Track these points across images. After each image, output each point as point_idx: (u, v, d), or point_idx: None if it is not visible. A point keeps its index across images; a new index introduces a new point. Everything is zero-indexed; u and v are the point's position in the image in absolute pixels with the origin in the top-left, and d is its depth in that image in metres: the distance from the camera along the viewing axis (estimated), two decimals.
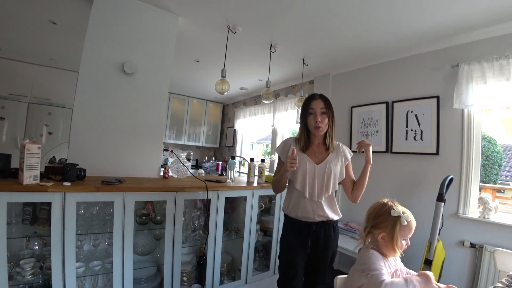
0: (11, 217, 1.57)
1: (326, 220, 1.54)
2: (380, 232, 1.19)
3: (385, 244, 1.19)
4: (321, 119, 1.52)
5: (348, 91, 3.41)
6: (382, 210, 1.21)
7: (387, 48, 2.79)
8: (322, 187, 1.52)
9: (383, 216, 1.20)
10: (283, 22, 2.47)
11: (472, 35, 2.30)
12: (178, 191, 1.87)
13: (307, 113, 1.56)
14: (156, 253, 2.07)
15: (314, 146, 1.60)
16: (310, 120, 1.54)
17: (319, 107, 1.53)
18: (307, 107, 1.56)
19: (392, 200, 1.25)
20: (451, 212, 2.31)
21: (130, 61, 2.25)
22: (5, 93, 3.95)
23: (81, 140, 2.09)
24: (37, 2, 2.43)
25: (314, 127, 1.53)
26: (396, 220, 1.16)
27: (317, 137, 1.58)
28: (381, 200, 1.27)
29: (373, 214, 1.24)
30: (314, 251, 1.54)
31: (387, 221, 1.18)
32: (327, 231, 1.55)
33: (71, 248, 1.52)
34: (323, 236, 1.53)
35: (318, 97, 1.56)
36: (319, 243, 1.53)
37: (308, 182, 1.52)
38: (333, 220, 1.57)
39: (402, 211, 1.18)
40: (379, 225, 1.20)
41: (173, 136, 5.74)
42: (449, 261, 2.20)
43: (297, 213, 1.55)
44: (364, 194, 3.12)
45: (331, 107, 1.57)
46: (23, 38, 3.31)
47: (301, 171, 1.53)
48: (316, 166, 1.54)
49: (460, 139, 2.33)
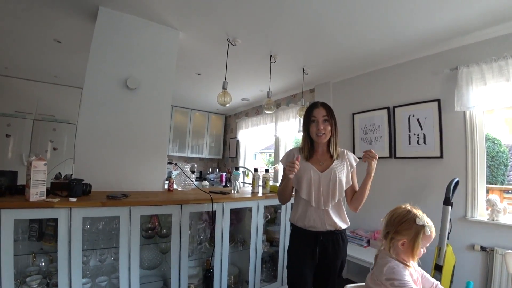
0: (17, 234, 1.57)
1: (334, 229, 1.51)
2: (401, 239, 1.19)
3: (404, 251, 1.19)
4: (323, 126, 1.53)
5: (349, 98, 3.43)
6: (406, 217, 1.21)
7: (385, 54, 2.82)
8: (328, 195, 1.51)
9: (407, 223, 1.19)
10: (282, 33, 2.52)
11: (469, 38, 2.33)
12: (183, 204, 1.86)
13: (309, 121, 1.57)
14: (162, 267, 2.06)
15: (318, 155, 1.60)
16: (312, 128, 1.55)
17: (321, 115, 1.54)
18: (309, 115, 1.57)
19: (415, 207, 1.25)
20: (459, 215, 2.28)
21: (133, 76, 2.29)
22: (11, 110, 4.03)
23: (86, 156, 2.11)
24: (42, 22, 2.50)
25: (316, 135, 1.54)
26: (420, 229, 1.16)
27: (320, 145, 1.59)
28: (403, 205, 1.27)
29: (396, 220, 1.23)
30: (323, 262, 1.52)
31: (410, 229, 1.17)
32: (335, 241, 1.52)
33: (78, 264, 1.52)
34: (331, 246, 1.51)
35: (320, 105, 1.58)
36: (327, 253, 1.51)
37: (313, 191, 1.51)
38: (341, 229, 1.54)
39: (426, 221, 1.18)
40: (401, 231, 1.19)
41: (176, 149, 5.77)
42: (460, 266, 2.16)
43: (304, 222, 1.53)
44: (370, 200, 3.09)
45: (334, 115, 1.58)
46: (28, 57, 3.40)
47: (306, 180, 1.53)
48: (321, 174, 1.53)
49: (464, 141, 2.32)
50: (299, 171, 1.51)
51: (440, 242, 2.05)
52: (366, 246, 2.73)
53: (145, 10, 2.26)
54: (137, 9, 2.26)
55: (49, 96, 4.35)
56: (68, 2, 2.18)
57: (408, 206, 1.25)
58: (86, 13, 2.30)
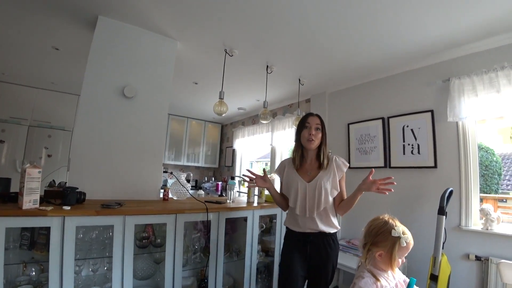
0: (8, 242, 1.54)
1: (322, 231, 1.58)
2: (378, 251, 1.20)
3: (382, 261, 1.21)
4: (315, 133, 1.61)
5: (344, 108, 3.47)
6: (382, 228, 1.22)
7: (379, 65, 2.87)
8: (314, 204, 1.58)
9: (383, 235, 1.20)
10: (278, 44, 2.56)
11: (460, 50, 2.39)
12: (178, 213, 1.85)
13: (303, 127, 1.65)
14: (156, 277, 2.03)
15: (307, 164, 1.68)
16: (305, 133, 1.63)
17: (314, 122, 1.64)
18: (304, 122, 1.66)
19: (393, 218, 1.26)
20: (454, 225, 2.29)
21: (130, 85, 2.30)
22: (6, 116, 3.99)
23: (81, 163, 2.09)
24: (41, 29, 2.51)
25: (307, 140, 1.61)
26: (396, 241, 1.17)
27: (310, 153, 1.66)
28: (381, 216, 1.28)
29: (373, 232, 1.25)
30: (314, 265, 1.58)
31: (386, 241, 1.19)
32: (326, 241, 1.59)
33: (70, 273, 1.49)
34: (322, 246, 1.57)
35: (315, 115, 1.69)
36: (319, 253, 1.57)
37: (299, 200, 1.60)
38: (330, 232, 1.60)
39: (402, 232, 1.19)
40: (378, 243, 1.21)
41: (172, 157, 5.75)
42: (455, 275, 2.16)
43: (294, 226, 1.65)
44: (365, 210, 3.10)
45: (325, 127, 1.69)
46: (26, 63, 3.40)
47: (293, 190, 1.63)
48: (307, 185, 1.61)
49: (457, 151, 2.35)
50: (288, 181, 1.67)
51: (435, 251, 2.06)
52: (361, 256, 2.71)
53: (143, 20, 2.29)
54: (136, 19, 2.29)
55: (46, 102, 4.33)
56: (68, 11, 2.20)
57: (386, 216, 1.27)
58: (85, 22, 2.33)
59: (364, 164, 3.11)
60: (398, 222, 1.25)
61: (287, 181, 1.70)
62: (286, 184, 1.72)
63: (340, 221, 3.28)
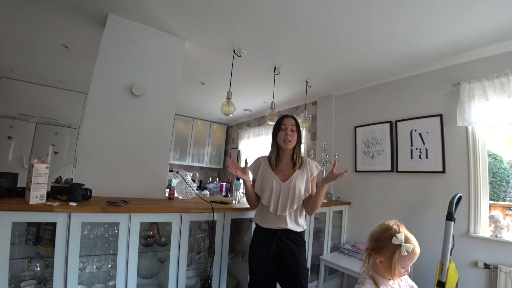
0: (14, 237, 1.53)
1: (290, 229, 1.65)
2: (378, 257, 1.16)
3: (383, 268, 1.16)
4: (291, 134, 1.68)
5: (352, 111, 3.45)
6: (384, 234, 1.17)
7: (388, 69, 2.85)
8: (287, 203, 1.64)
9: (384, 241, 1.15)
10: (287, 46, 2.55)
11: (471, 54, 2.36)
12: (184, 212, 1.84)
13: (279, 129, 1.71)
14: (160, 276, 2.01)
15: (282, 164, 1.74)
16: (281, 135, 1.69)
17: (290, 123, 1.70)
18: (280, 124, 1.72)
19: (398, 224, 1.20)
20: (462, 231, 2.25)
21: (138, 83, 2.31)
22: (14, 113, 4.04)
23: (87, 160, 2.10)
24: (51, 27, 2.54)
25: (283, 140, 1.67)
26: (396, 249, 1.12)
27: (286, 153, 1.73)
28: (387, 222, 1.23)
29: (375, 237, 1.21)
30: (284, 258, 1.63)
31: (386, 247, 1.14)
32: (293, 238, 1.66)
33: (74, 270, 1.48)
34: (290, 242, 1.64)
35: (290, 116, 1.75)
36: (288, 248, 1.63)
37: (273, 198, 1.65)
38: (297, 231, 1.68)
39: (405, 239, 1.12)
40: (378, 249, 1.17)
41: (177, 157, 5.76)
42: (463, 283, 2.12)
43: (264, 224, 1.69)
44: (371, 214, 3.07)
45: (300, 128, 1.75)
46: (36, 61, 3.43)
47: (268, 188, 1.67)
48: (282, 184, 1.67)
49: (466, 157, 2.32)
50: (263, 179, 1.71)
51: (443, 258, 2.02)
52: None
53: (153, 19, 2.30)
54: (145, 18, 2.30)
55: (53, 100, 4.38)
56: (78, 9, 2.22)
57: (392, 222, 1.22)
58: (95, 20, 2.34)
59: (370, 167, 3.08)
60: (404, 229, 1.19)
61: (262, 179, 1.73)
62: (260, 182, 1.74)
63: (346, 224, 3.26)
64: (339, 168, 1.58)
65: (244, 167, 1.72)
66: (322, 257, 2.82)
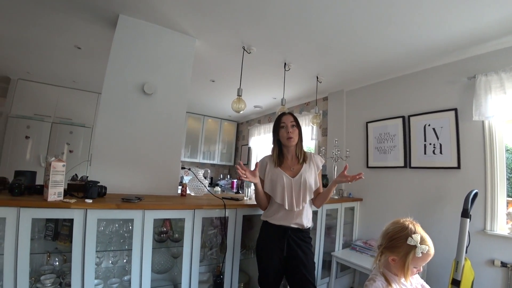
0: (34, 233, 1.59)
1: (301, 228, 1.67)
2: (391, 256, 1.15)
3: (396, 267, 1.15)
4: (292, 130, 1.69)
5: (363, 106, 3.40)
6: (400, 233, 1.14)
7: (402, 62, 2.79)
8: (299, 198, 1.66)
9: (399, 241, 1.13)
10: (297, 42, 2.53)
11: (487, 46, 2.29)
12: (196, 208, 1.86)
13: (278, 127, 1.73)
14: (173, 271, 2.05)
15: (288, 161, 1.75)
16: (282, 133, 1.71)
17: (289, 120, 1.71)
18: (279, 122, 1.73)
19: (414, 223, 1.17)
20: (478, 228, 2.20)
21: (150, 82, 2.34)
22: (31, 113, 4.18)
23: (102, 158, 2.15)
24: (64, 28, 2.59)
25: (286, 138, 1.69)
26: (411, 250, 1.09)
27: (290, 150, 1.74)
28: (402, 220, 1.19)
29: (389, 235, 1.18)
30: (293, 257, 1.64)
31: (401, 247, 1.11)
32: (302, 236, 1.68)
33: (91, 264, 1.53)
34: (299, 241, 1.66)
35: (287, 113, 1.76)
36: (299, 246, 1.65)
37: (286, 195, 1.65)
38: (307, 227, 1.71)
39: (420, 240, 1.09)
40: (391, 248, 1.15)
41: (188, 154, 5.82)
42: (479, 281, 2.08)
43: (275, 221, 1.68)
44: (383, 211, 3.04)
45: (299, 123, 1.76)
46: (49, 62, 3.53)
47: (279, 186, 1.67)
48: (292, 180, 1.68)
49: (483, 152, 2.25)
50: (273, 178, 1.70)
51: (458, 255, 1.98)
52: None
53: (163, 18, 2.32)
54: (156, 17, 2.32)
55: (67, 100, 4.50)
56: (89, 10, 2.26)
57: (408, 221, 1.18)
58: (107, 21, 2.38)
59: (382, 163, 3.04)
60: (419, 228, 1.15)
61: (271, 178, 1.73)
62: (270, 181, 1.73)
63: (358, 220, 3.23)
64: (351, 165, 1.57)
65: (254, 170, 1.68)
66: (334, 254, 2.81)
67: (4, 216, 1.34)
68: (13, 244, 1.35)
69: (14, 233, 1.35)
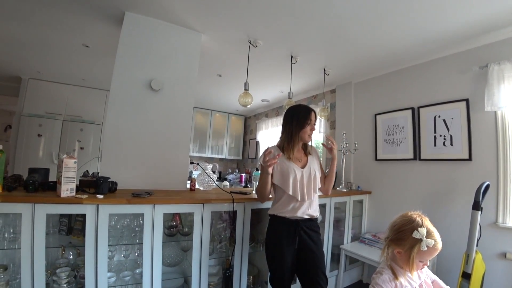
0: (48, 228, 1.64)
1: (311, 218, 1.72)
2: (396, 248, 1.15)
3: (401, 259, 1.15)
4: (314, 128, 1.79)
5: (371, 98, 3.35)
6: (406, 226, 1.14)
7: (410, 53, 2.73)
8: (310, 188, 1.70)
9: (405, 234, 1.12)
10: (303, 34, 2.51)
11: (500, 34, 2.21)
12: (205, 203, 1.89)
13: (304, 123, 1.73)
14: (183, 264, 2.10)
15: (295, 152, 1.77)
16: (307, 130, 1.74)
17: (315, 118, 1.77)
18: (306, 118, 1.73)
19: (422, 216, 1.16)
20: (490, 221, 2.17)
21: (157, 78, 2.36)
22: (42, 112, 4.28)
23: (112, 154, 2.19)
24: (72, 28, 2.63)
25: (309, 135, 1.75)
26: (416, 243, 1.08)
27: (300, 143, 1.79)
28: (411, 213, 1.19)
29: (396, 227, 1.18)
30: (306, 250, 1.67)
31: (406, 240, 1.11)
32: (313, 226, 1.73)
33: (104, 258, 1.57)
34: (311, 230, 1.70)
35: (313, 111, 1.78)
36: (310, 238, 1.68)
37: (299, 187, 1.68)
38: (316, 217, 1.76)
39: (426, 234, 1.08)
40: (397, 241, 1.15)
41: (196, 149, 5.87)
42: (490, 274, 2.05)
43: (286, 213, 1.68)
44: (392, 204, 3.02)
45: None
46: (59, 61, 3.59)
47: (292, 178, 1.67)
48: (302, 171, 1.72)
49: (495, 143, 2.20)
50: (283, 170, 1.70)
51: (469, 248, 1.96)
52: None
53: (168, 14, 2.32)
54: (161, 13, 2.32)
55: (77, 98, 4.59)
56: (95, 9, 2.28)
57: (416, 214, 1.17)
58: (113, 19, 2.40)
59: (391, 156, 3.01)
60: (427, 222, 1.14)
61: (281, 170, 1.70)
62: (280, 173, 1.69)
63: (367, 213, 3.22)
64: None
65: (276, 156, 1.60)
66: (343, 247, 2.82)
67: (20, 212, 1.39)
68: (29, 239, 1.40)
69: (30, 228, 1.40)
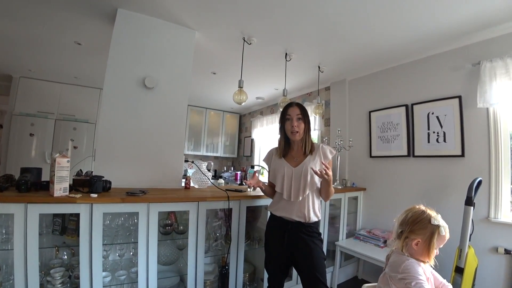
0: (42, 228, 1.63)
1: (303, 221, 1.62)
2: (415, 238, 1.19)
3: (418, 251, 1.20)
4: (297, 124, 1.65)
5: (366, 95, 3.37)
6: (421, 216, 1.22)
7: (403, 50, 2.75)
8: (299, 188, 1.63)
9: (422, 223, 1.20)
10: (298, 31, 2.50)
11: (492, 31, 2.24)
12: (200, 201, 1.89)
13: (284, 119, 1.70)
14: (179, 263, 2.09)
15: (294, 152, 1.73)
16: (287, 126, 1.67)
17: (295, 113, 1.66)
18: (285, 114, 1.69)
19: (429, 208, 1.26)
20: (482, 216, 2.20)
21: (150, 76, 2.33)
22: (34, 110, 4.21)
23: (105, 153, 2.17)
24: (63, 25, 2.59)
25: (291, 132, 1.66)
26: (435, 229, 1.17)
27: (296, 142, 1.71)
28: (418, 206, 1.28)
29: (411, 220, 1.24)
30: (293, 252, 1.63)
31: (425, 229, 1.18)
32: (305, 231, 1.62)
33: (98, 257, 1.56)
34: (303, 234, 1.61)
35: (294, 105, 1.70)
36: (300, 240, 1.61)
37: (285, 184, 1.65)
38: (310, 222, 1.63)
39: (440, 221, 1.20)
40: (416, 231, 1.20)
41: (191, 148, 5.85)
42: (482, 269, 2.09)
43: (277, 211, 1.70)
44: (389, 200, 3.04)
45: (307, 115, 1.70)
46: (51, 59, 3.53)
47: (280, 175, 1.68)
48: (293, 169, 1.66)
49: (487, 139, 2.23)
50: (275, 168, 1.72)
51: (462, 243, 1.99)
52: (383, 246, 2.67)
53: (161, 10, 2.29)
54: (154, 10, 2.30)
55: (70, 96, 4.52)
56: (87, 6, 2.24)
57: (422, 206, 1.27)
58: (105, 15, 2.37)
59: (386, 153, 3.03)
60: (435, 212, 1.24)
61: (274, 168, 1.75)
62: (273, 171, 1.76)
63: (361, 210, 3.24)
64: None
65: (253, 177, 1.76)
66: (338, 243, 2.84)
67: (12, 212, 1.37)
68: (22, 239, 1.38)
69: (23, 229, 1.38)
